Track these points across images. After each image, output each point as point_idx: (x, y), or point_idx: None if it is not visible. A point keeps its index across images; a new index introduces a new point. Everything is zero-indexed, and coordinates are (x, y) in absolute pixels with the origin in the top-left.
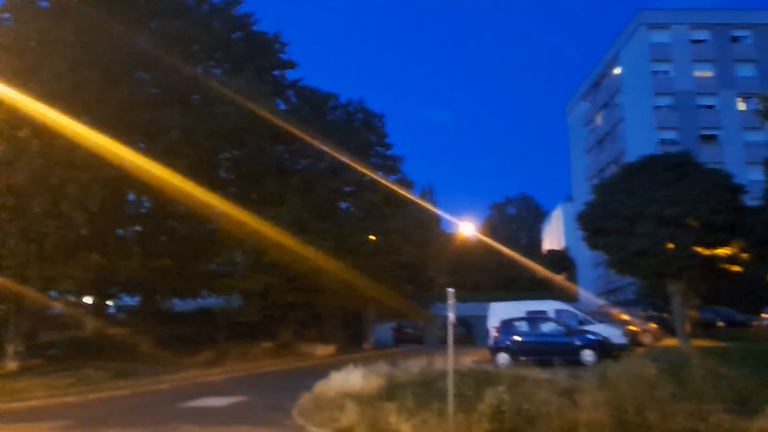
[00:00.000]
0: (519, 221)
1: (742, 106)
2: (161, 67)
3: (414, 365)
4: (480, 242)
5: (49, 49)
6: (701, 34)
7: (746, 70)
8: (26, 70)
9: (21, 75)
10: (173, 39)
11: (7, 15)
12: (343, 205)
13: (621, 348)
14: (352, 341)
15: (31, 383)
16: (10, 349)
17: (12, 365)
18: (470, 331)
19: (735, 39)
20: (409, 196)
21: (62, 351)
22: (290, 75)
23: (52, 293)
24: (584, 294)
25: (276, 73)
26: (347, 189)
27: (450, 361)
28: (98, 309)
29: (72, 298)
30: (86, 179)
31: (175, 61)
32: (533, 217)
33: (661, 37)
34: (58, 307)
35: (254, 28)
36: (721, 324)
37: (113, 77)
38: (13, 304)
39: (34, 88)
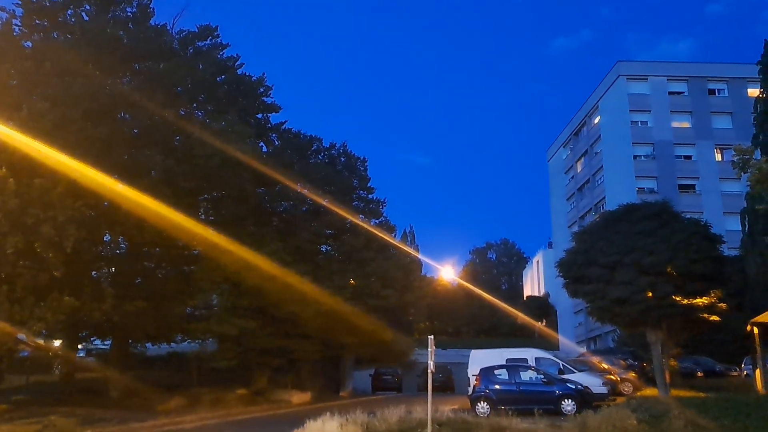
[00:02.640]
0: (500, 266)
1: (719, 156)
2: (144, 107)
3: (392, 414)
4: (460, 287)
5: (30, 87)
6: (678, 86)
7: (723, 122)
8: (7, 108)
9: (1, 113)
10: (157, 80)
11: None
12: (323, 247)
13: (601, 397)
14: (329, 388)
15: None
16: None
17: None
18: (450, 379)
19: (711, 91)
20: (390, 239)
21: (29, 396)
22: (274, 118)
23: (20, 336)
24: (564, 341)
25: (260, 115)
26: (328, 231)
27: (429, 409)
28: (67, 352)
29: (41, 341)
30: (62, 219)
31: (157, 102)
32: (514, 262)
33: (639, 88)
34: (25, 349)
35: (239, 71)
36: (700, 374)
37: (95, 117)
38: None
39: (14, 126)
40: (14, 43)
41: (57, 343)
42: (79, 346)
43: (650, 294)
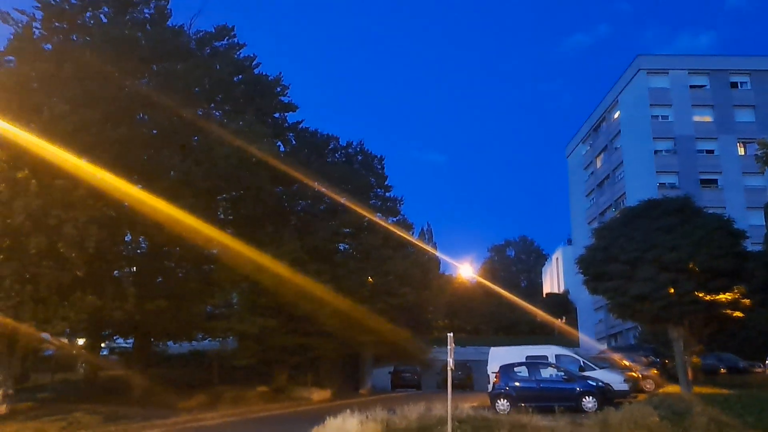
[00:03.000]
0: (518, 264)
1: (741, 150)
2: (162, 108)
3: (412, 411)
4: (479, 285)
5: (50, 90)
6: (700, 80)
7: (745, 115)
8: (28, 110)
9: (22, 116)
10: (175, 81)
11: (10, 57)
12: (341, 246)
13: (622, 395)
14: (349, 385)
15: (21, 427)
16: (1, 392)
17: (1, 408)
18: (469, 376)
19: (734, 84)
20: (408, 237)
21: (53, 394)
22: (291, 117)
23: (45, 335)
24: (584, 338)
25: (276, 115)
26: (346, 230)
27: (449, 406)
28: (91, 351)
29: (65, 340)
30: (84, 220)
31: (175, 103)
32: (533, 259)
33: (659, 82)
34: (50, 348)
35: (256, 70)
36: (723, 370)
37: (114, 118)
38: (5, 346)
39: (35, 129)
40: (34, 46)
41: (80, 341)
42: (102, 345)
43: (672, 290)
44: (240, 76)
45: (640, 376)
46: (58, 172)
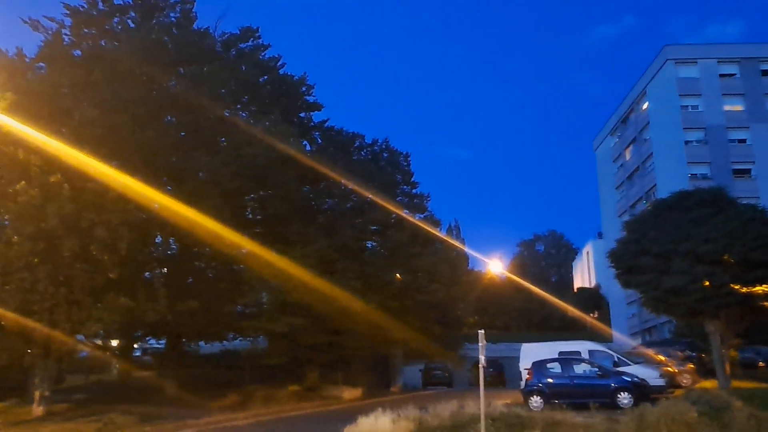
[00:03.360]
0: (548, 258)
1: None
2: (189, 110)
3: (444, 409)
4: (509, 280)
5: (80, 95)
6: (730, 68)
7: None
8: (59, 116)
9: (53, 121)
10: (201, 83)
11: (41, 63)
12: (369, 244)
13: (658, 390)
14: (380, 383)
15: (57, 428)
16: (37, 393)
17: (38, 410)
18: (501, 373)
19: (765, 72)
20: (436, 233)
21: (88, 395)
22: (316, 116)
23: (79, 336)
24: (617, 334)
25: (302, 114)
26: (373, 228)
27: (482, 404)
28: (124, 352)
29: (99, 341)
30: (116, 222)
31: (202, 105)
32: (563, 254)
33: (688, 71)
34: (84, 350)
35: (281, 71)
36: (761, 364)
37: (142, 121)
38: (41, 348)
39: (66, 134)
40: (64, 52)
41: (114, 343)
42: (135, 346)
43: (707, 283)
44: (265, 77)
45: (677, 371)
46: (90, 175)
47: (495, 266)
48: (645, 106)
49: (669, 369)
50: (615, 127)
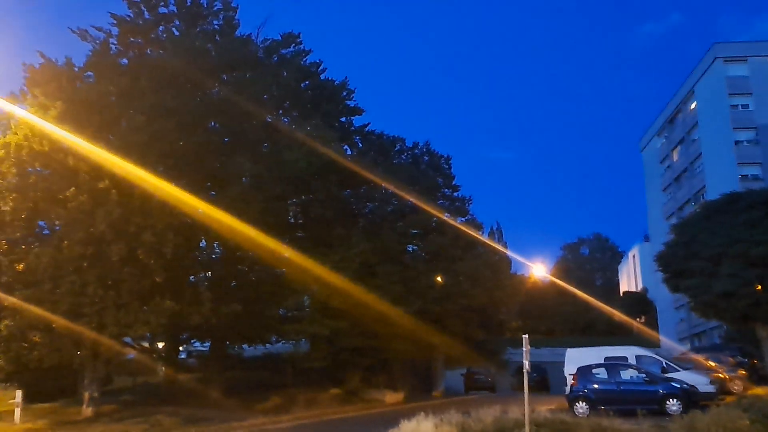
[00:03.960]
0: (593, 262)
1: None
2: (233, 116)
3: (487, 414)
4: (552, 284)
5: (127, 103)
6: None
7: None
8: (107, 123)
9: (102, 129)
10: (244, 89)
11: (89, 72)
12: (410, 247)
13: (709, 397)
14: (421, 388)
15: (105, 429)
16: (86, 394)
17: (87, 411)
18: (545, 378)
19: None
20: (478, 237)
21: (135, 396)
22: (357, 120)
23: (126, 339)
24: (665, 339)
25: (343, 119)
26: (414, 231)
27: (526, 409)
28: (170, 355)
29: (145, 344)
30: (161, 227)
31: (246, 110)
32: (608, 257)
33: (738, 70)
34: (131, 352)
35: (322, 76)
36: None
37: (187, 127)
38: (90, 350)
39: (114, 141)
40: (112, 61)
41: (160, 345)
42: (180, 349)
43: (759, 287)
44: (307, 82)
45: (727, 377)
46: (136, 181)
47: (538, 270)
48: (693, 105)
49: (719, 375)
50: (662, 127)
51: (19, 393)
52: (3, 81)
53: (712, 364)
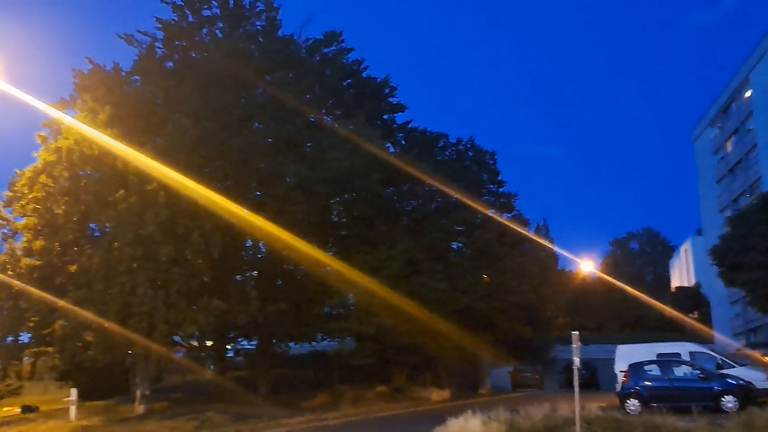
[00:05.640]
0: (643, 257)
1: None
2: (276, 116)
3: (536, 412)
4: (601, 280)
5: (173, 105)
6: None
7: None
8: (154, 126)
9: (149, 131)
10: (287, 89)
11: (136, 77)
12: (455, 245)
13: (766, 393)
14: (468, 385)
15: (158, 426)
16: (138, 392)
17: (139, 408)
18: (595, 375)
19: None
20: (524, 233)
21: (185, 394)
22: (400, 117)
23: (176, 338)
24: (719, 335)
25: (386, 116)
26: (459, 228)
27: (577, 406)
28: (218, 353)
29: (194, 343)
30: (209, 227)
31: (289, 110)
32: (659, 252)
33: None
34: (181, 351)
35: (364, 74)
36: None
37: (232, 128)
38: (141, 349)
39: (161, 143)
40: (158, 65)
41: (209, 344)
42: (228, 347)
43: None
44: (349, 81)
45: None
46: (184, 183)
47: (586, 266)
48: (748, 94)
49: None
50: (715, 117)
51: (73, 391)
52: (55, 87)
53: None
